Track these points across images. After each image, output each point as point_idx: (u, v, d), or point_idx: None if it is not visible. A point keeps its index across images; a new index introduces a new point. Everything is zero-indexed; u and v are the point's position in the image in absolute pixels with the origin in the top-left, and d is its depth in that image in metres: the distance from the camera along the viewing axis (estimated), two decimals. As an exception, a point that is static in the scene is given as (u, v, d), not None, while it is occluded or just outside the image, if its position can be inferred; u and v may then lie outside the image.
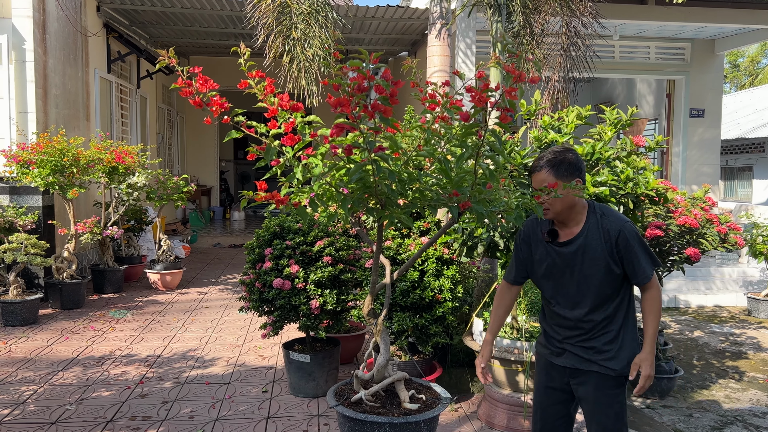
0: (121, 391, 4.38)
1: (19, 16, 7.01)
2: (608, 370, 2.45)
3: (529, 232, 2.60)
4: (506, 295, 2.73)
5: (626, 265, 2.41)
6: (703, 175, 10.67)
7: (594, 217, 2.45)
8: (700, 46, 10.61)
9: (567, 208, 2.43)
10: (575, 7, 6.06)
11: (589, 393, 2.49)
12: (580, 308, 2.47)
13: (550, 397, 2.63)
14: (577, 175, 2.43)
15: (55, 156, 6.30)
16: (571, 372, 2.54)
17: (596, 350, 2.47)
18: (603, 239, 2.40)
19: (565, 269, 2.48)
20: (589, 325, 2.47)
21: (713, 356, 5.80)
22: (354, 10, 9.05)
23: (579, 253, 2.44)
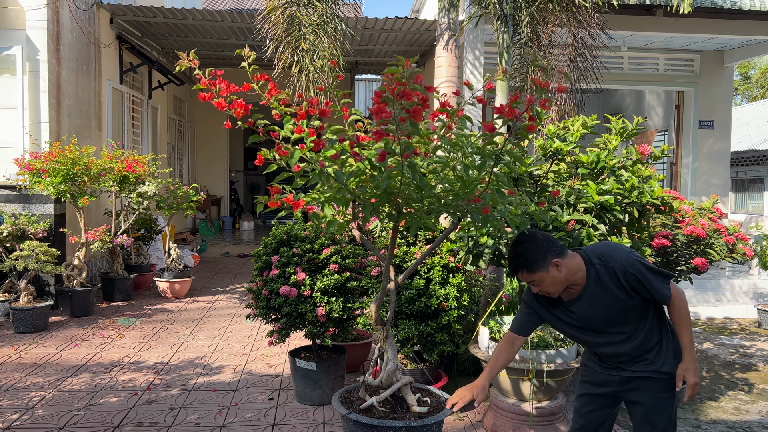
0: (129, 398, 4.41)
1: (34, 28, 7.13)
2: (660, 374, 2.50)
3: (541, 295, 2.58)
4: (513, 345, 2.68)
5: (642, 293, 2.43)
6: (712, 187, 10.62)
7: (593, 268, 2.44)
8: (710, 58, 10.60)
9: (564, 283, 2.44)
10: (582, 18, 6.09)
11: (643, 397, 2.54)
12: (617, 343, 2.52)
13: (592, 404, 2.69)
14: (550, 258, 2.40)
15: (67, 165, 6.38)
16: (620, 380, 2.59)
17: (647, 362, 2.52)
18: (612, 283, 2.41)
19: (586, 322, 2.52)
20: (632, 350, 2.52)
21: (723, 368, 5.76)
22: (363, 21, 9.14)
23: (592, 306, 2.46)
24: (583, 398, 2.74)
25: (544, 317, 2.62)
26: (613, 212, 3.37)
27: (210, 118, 15.64)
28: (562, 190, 3.42)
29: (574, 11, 5.90)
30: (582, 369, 2.80)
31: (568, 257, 2.43)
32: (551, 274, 2.40)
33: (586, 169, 3.50)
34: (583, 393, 2.74)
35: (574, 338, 2.65)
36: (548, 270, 2.38)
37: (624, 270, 2.38)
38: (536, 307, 2.61)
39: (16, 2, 7.13)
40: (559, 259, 2.40)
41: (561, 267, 2.40)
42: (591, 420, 2.70)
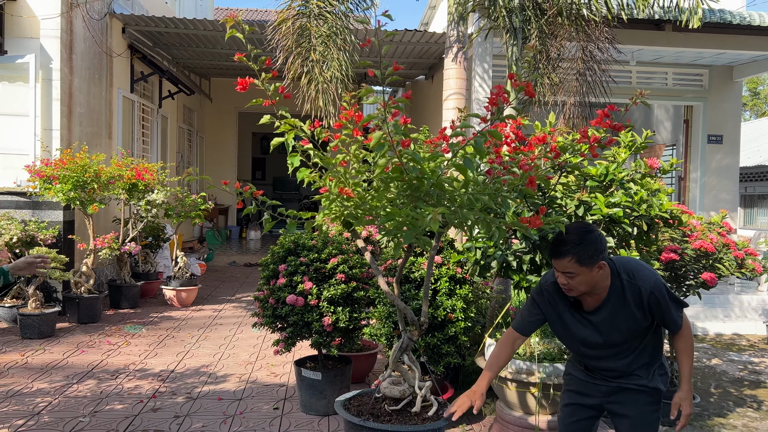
0: (134, 405, 4.41)
1: (48, 37, 7.22)
2: (646, 388, 2.52)
3: (554, 295, 2.54)
4: (513, 344, 2.65)
5: (656, 317, 2.43)
6: (721, 202, 10.57)
7: (619, 281, 2.40)
8: (718, 73, 10.59)
9: (591, 287, 2.40)
10: (591, 32, 6.11)
11: (628, 410, 2.54)
12: (612, 357, 2.53)
13: (577, 414, 2.67)
14: (601, 258, 2.35)
15: (77, 172, 6.43)
16: (606, 391, 2.59)
17: (636, 377, 2.54)
18: (633, 301, 2.39)
19: (596, 333, 2.49)
20: (625, 366, 2.53)
21: (731, 384, 5.70)
22: (372, 33, 9.19)
23: (608, 319, 2.44)
24: (567, 408, 2.72)
25: (549, 319, 2.58)
26: (621, 225, 3.36)
27: (219, 128, 15.74)
28: (570, 202, 3.41)
29: (584, 25, 5.92)
30: (566, 378, 2.78)
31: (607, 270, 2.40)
32: (592, 274, 2.34)
33: (594, 182, 3.50)
34: (568, 403, 2.72)
35: (571, 346, 2.62)
36: (592, 268, 2.32)
37: (650, 292, 2.37)
38: (545, 306, 2.56)
39: (30, 11, 7.23)
40: (604, 262, 2.36)
41: (602, 270, 2.36)
42: (575, 430, 2.69)
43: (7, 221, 6.63)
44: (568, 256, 2.33)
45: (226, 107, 15.60)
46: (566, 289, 2.40)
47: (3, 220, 6.66)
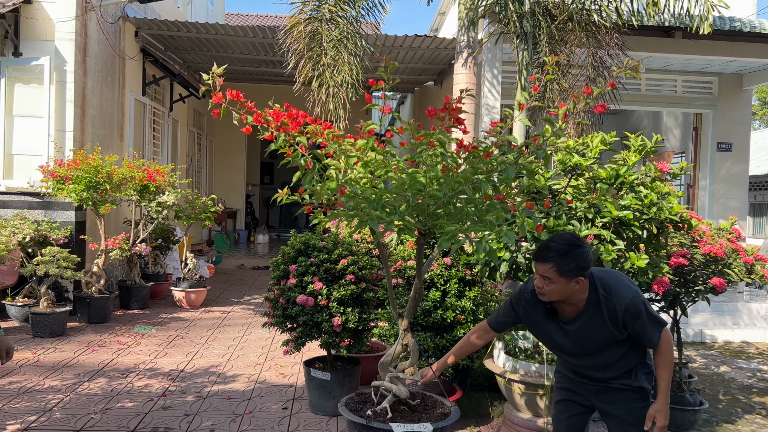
0: (144, 403, 4.45)
1: (62, 39, 7.32)
2: (631, 387, 2.58)
3: (531, 302, 2.59)
4: (483, 337, 2.77)
5: (632, 333, 2.47)
6: (730, 210, 10.54)
7: (596, 294, 2.44)
8: (728, 81, 10.58)
9: (564, 299, 2.44)
10: (602, 38, 6.14)
11: (618, 408, 2.60)
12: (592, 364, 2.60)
13: (571, 409, 2.74)
14: (581, 274, 2.37)
15: (89, 173, 6.51)
16: (595, 390, 2.65)
17: (622, 379, 2.59)
18: (607, 316, 2.43)
19: (572, 342, 2.55)
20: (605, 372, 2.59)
21: (739, 391, 5.68)
22: (383, 39, 9.26)
23: (583, 329, 2.49)
24: (560, 404, 2.78)
25: (524, 322, 2.66)
26: (631, 228, 3.38)
27: (228, 133, 15.84)
28: (580, 204, 3.44)
29: (594, 31, 5.95)
30: (557, 376, 2.84)
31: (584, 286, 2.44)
32: (569, 286, 2.38)
33: (605, 184, 3.52)
34: (561, 399, 2.78)
35: (551, 349, 2.70)
36: (569, 281, 2.36)
37: (625, 309, 2.40)
38: (520, 311, 2.63)
39: (45, 14, 7.33)
40: (583, 278, 2.39)
41: (579, 285, 2.39)
42: (570, 425, 2.74)
43: (20, 221, 6.70)
44: (550, 263, 2.36)
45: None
46: (539, 292, 2.44)
47: (16, 219, 6.74)
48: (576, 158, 3.47)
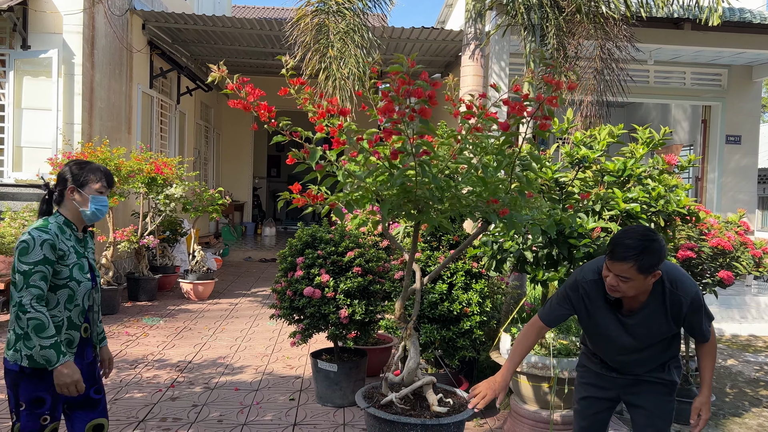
0: (153, 394, 4.49)
1: (70, 32, 7.34)
2: (663, 380, 2.58)
3: (590, 293, 2.49)
4: (538, 333, 2.63)
5: (687, 327, 2.46)
6: (738, 203, 10.47)
7: (660, 287, 2.38)
8: (737, 73, 10.49)
9: (638, 292, 2.35)
10: (610, 29, 6.10)
11: (646, 401, 2.58)
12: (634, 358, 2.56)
13: (595, 407, 2.70)
14: (658, 267, 2.30)
15: (98, 165, 6.53)
16: (623, 383, 2.63)
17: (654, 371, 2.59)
18: (670, 309, 2.39)
19: (626, 335, 2.48)
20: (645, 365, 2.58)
21: (747, 385, 5.67)
22: (389, 31, 9.23)
23: (643, 322, 2.43)
24: (585, 401, 2.73)
25: (578, 314, 2.54)
26: (639, 221, 3.37)
27: (235, 125, 15.86)
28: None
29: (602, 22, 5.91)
30: (581, 371, 2.78)
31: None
32: (645, 281, 2.30)
33: (612, 177, 3.51)
34: (586, 396, 2.73)
35: (596, 342, 2.62)
36: (647, 276, 2.28)
37: (690, 302, 2.38)
38: (577, 302, 2.51)
39: (53, 7, 7.34)
40: (660, 271, 2.31)
41: (655, 278, 2.32)
42: (594, 422, 2.72)
43: (30, 213, 6.75)
44: (630, 262, 2.24)
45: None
46: (612, 290, 2.34)
47: (26, 211, 6.78)
48: (583, 150, 3.46)
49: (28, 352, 2.33)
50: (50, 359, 2.27)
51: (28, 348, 2.33)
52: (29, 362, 2.33)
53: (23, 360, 2.33)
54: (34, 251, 2.30)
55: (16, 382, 2.36)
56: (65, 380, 2.30)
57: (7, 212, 6.80)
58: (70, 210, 2.47)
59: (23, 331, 2.29)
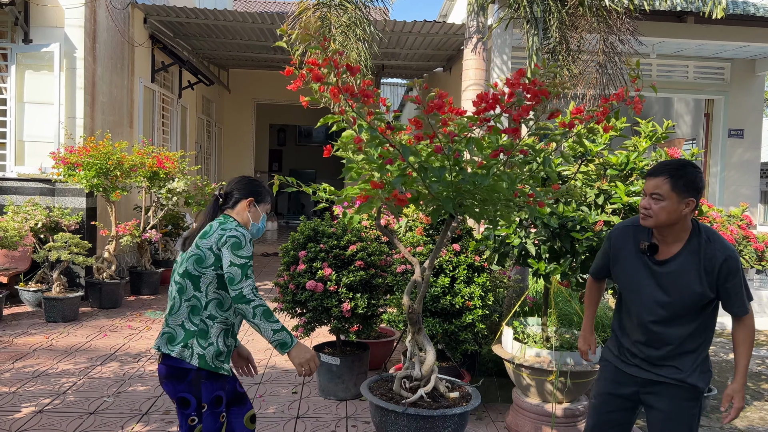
0: (156, 387, 4.50)
1: (72, 26, 7.33)
2: (687, 385, 2.42)
3: (624, 239, 2.50)
4: (595, 290, 2.80)
5: (722, 293, 2.33)
6: (741, 197, 10.46)
7: (696, 240, 2.33)
8: (741, 66, 10.46)
9: (670, 223, 2.32)
10: (612, 23, 6.08)
11: (663, 404, 2.45)
12: (662, 324, 2.41)
13: (609, 404, 2.59)
14: (693, 195, 2.28)
15: (100, 159, 6.54)
16: (642, 382, 2.50)
17: (674, 369, 2.43)
18: (703, 265, 2.30)
19: (656, 287, 2.40)
20: (666, 341, 2.42)
21: (749, 379, 5.68)
22: (391, 24, 9.21)
23: (674, 274, 2.36)
24: (600, 397, 2.63)
25: (612, 263, 2.55)
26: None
27: (237, 120, 15.85)
28: (590, 191, 3.43)
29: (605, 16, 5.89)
30: (602, 364, 2.69)
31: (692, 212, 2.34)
32: (679, 206, 2.27)
33: (615, 171, 3.51)
34: (602, 392, 2.63)
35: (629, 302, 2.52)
36: (681, 199, 2.26)
37: (725, 259, 2.28)
38: (616, 243, 2.52)
39: (55, 1, 7.33)
40: (694, 200, 2.28)
41: (688, 209, 2.28)
42: (607, 420, 2.60)
43: (32, 207, 6.76)
44: (664, 175, 2.28)
45: (244, 98, 15.71)
46: (645, 215, 2.33)
47: (28, 206, 6.80)
48: (586, 144, 3.45)
49: (201, 351, 2.36)
50: (285, 341, 2.34)
51: (202, 347, 2.36)
52: (200, 362, 2.35)
53: (193, 358, 2.35)
54: (246, 247, 2.39)
55: (196, 383, 2.37)
56: (306, 356, 2.37)
57: (10, 206, 6.81)
58: (242, 219, 2.55)
59: (197, 328, 2.36)
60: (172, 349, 2.36)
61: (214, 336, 2.39)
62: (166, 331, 2.42)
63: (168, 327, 2.42)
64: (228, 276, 2.35)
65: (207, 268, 2.39)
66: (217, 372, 2.38)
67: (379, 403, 2.54)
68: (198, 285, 2.39)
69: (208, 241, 2.40)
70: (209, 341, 2.38)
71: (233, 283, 2.33)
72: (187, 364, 2.36)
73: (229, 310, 2.45)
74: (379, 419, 2.57)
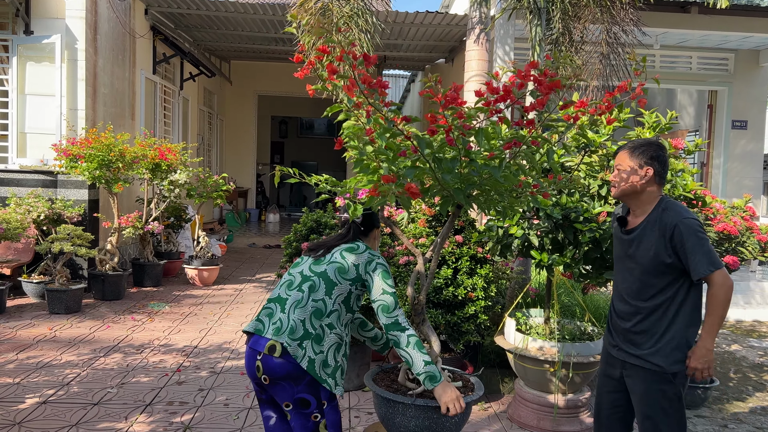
0: (159, 378, 4.52)
1: (73, 17, 7.30)
2: (652, 366, 2.51)
3: (616, 219, 2.76)
4: None
5: (682, 257, 2.44)
6: (744, 188, 10.45)
7: (657, 210, 2.53)
8: (744, 57, 10.41)
9: (631, 193, 2.56)
10: (616, 13, 6.05)
11: (637, 387, 2.58)
12: (632, 293, 2.58)
13: (607, 385, 2.76)
14: (650, 164, 2.52)
15: (102, 151, 6.54)
16: (622, 364, 2.65)
17: (638, 344, 2.56)
18: (660, 230, 2.47)
19: (625, 256, 2.62)
20: (634, 316, 2.57)
21: (751, 370, 5.68)
22: (393, 15, 9.17)
23: (636, 242, 2.55)
24: (600, 378, 2.83)
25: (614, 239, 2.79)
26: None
27: (239, 111, 15.83)
28: (593, 182, 3.41)
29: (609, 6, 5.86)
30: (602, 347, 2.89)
31: (658, 188, 2.56)
32: (638, 173, 2.51)
33: (618, 162, 3.49)
34: (600, 373, 2.83)
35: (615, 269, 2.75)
36: (639, 168, 2.51)
37: (677, 224, 2.43)
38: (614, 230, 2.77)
39: (56, -8, 7.30)
40: (654, 174, 2.51)
41: (646, 178, 2.51)
42: (607, 401, 2.75)
43: (35, 199, 6.77)
44: (625, 150, 2.59)
45: (245, 90, 15.68)
46: (612, 186, 2.62)
47: (30, 197, 6.80)
48: (589, 135, 3.44)
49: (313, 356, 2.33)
50: (435, 375, 2.38)
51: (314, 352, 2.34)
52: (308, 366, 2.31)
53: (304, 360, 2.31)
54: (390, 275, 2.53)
55: (313, 384, 2.35)
56: (452, 396, 2.39)
57: (12, 198, 6.81)
58: (373, 247, 2.69)
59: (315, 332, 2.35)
60: (291, 343, 2.31)
61: (326, 345, 2.37)
62: (290, 324, 2.34)
63: (291, 321, 2.35)
64: (382, 304, 2.40)
65: (345, 281, 2.44)
66: (319, 383, 2.35)
67: (384, 395, 2.53)
68: (331, 291, 2.42)
69: (357, 258, 2.47)
70: (321, 348, 2.35)
71: (388, 311, 2.39)
72: (298, 364, 2.31)
73: (345, 327, 2.47)
74: (384, 410, 2.56)
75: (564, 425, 3.81)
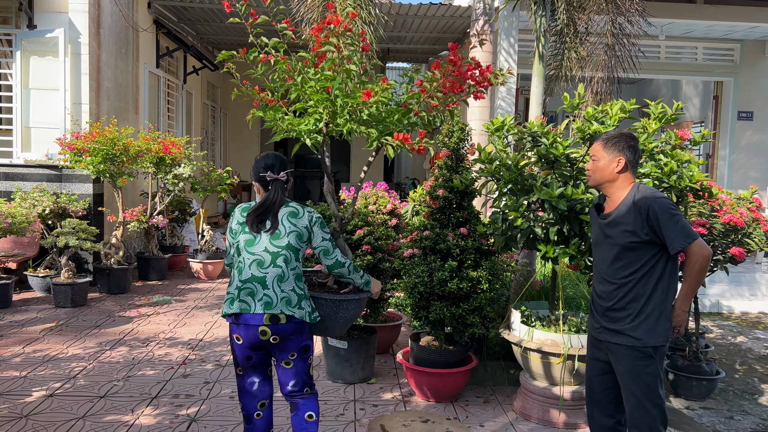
0: (165, 371, 4.53)
1: (76, 11, 7.29)
2: (633, 341, 2.64)
3: (593, 207, 2.88)
4: None
5: (659, 234, 2.56)
6: (750, 180, 10.39)
7: (631, 195, 2.65)
8: (750, 48, 10.34)
9: (606, 180, 2.70)
10: (621, 4, 6.00)
11: (620, 365, 2.70)
12: (611, 276, 2.70)
13: (595, 368, 2.86)
14: (621, 154, 2.65)
15: (106, 145, 6.54)
16: (606, 346, 2.76)
17: (619, 320, 2.67)
18: (633, 213, 2.60)
19: (603, 239, 2.74)
20: (615, 294, 2.68)
21: (756, 362, 5.67)
22: (396, 7, 9.12)
23: (612, 224, 2.67)
24: (588, 362, 2.93)
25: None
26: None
27: (242, 105, 15.78)
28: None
29: (614, -4, 5.81)
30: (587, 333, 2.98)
31: (630, 175, 2.68)
32: (610, 164, 2.65)
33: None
34: (588, 357, 2.94)
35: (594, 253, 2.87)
36: (611, 158, 2.65)
37: (649, 206, 2.55)
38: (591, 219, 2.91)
39: (59, -14, 7.29)
40: (626, 163, 2.64)
41: (618, 167, 2.65)
42: (598, 384, 2.85)
43: (40, 193, 6.78)
44: (598, 141, 2.73)
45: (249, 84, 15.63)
46: (587, 177, 2.78)
47: (35, 192, 6.81)
48: (595, 126, 3.42)
49: (309, 309, 2.78)
50: (368, 280, 3.00)
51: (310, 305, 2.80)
52: (310, 318, 2.77)
53: (306, 316, 2.74)
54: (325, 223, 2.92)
55: (310, 332, 2.84)
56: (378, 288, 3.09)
57: (18, 192, 6.83)
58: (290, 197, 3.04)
59: (303, 292, 2.77)
60: (293, 310, 2.71)
61: (305, 290, 2.82)
62: (282, 297, 2.71)
63: (283, 293, 2.72)
64: (323, 248, 2.84)
65: (303, 243, 2.81)
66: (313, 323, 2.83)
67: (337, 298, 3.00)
68: (298, 256, 2.79)
69: (302, 221, 2.80)
70: (306, 296, 2.80)
71: (329, 254, 2.85)
72: (302, 321, 2.76)
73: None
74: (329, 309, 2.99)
75: (569, 417, 3.80)
